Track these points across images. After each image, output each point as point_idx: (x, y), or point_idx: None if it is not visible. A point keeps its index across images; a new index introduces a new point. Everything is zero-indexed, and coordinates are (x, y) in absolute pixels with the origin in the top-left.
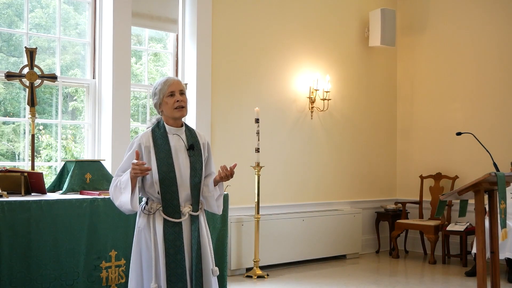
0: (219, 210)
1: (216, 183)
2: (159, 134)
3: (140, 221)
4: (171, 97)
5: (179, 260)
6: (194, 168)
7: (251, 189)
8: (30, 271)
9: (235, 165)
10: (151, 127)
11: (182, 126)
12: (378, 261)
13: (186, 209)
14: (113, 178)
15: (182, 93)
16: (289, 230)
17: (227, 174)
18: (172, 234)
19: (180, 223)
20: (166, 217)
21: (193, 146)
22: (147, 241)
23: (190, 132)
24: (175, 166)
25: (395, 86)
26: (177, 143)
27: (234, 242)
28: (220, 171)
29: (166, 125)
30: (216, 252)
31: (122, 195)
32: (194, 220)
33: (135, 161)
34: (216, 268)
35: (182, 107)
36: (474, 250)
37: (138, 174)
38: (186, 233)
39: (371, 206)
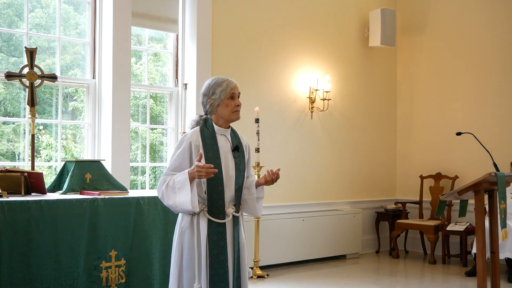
0: (258, 213)
1: (257, 185)
2: (207, 134)
3: (183, 222)
4: (231, 99)
5: (221, 260)
6: (238, 169)
7: None
8: (30, 271)
9: (278, 170)
10: (199, 126)
11: (229, 127)
12: (378, 261)
13: (230, 210)
14: (162, 177)
15: (239, 96)
16: (289, 230)
17: (273, 179)
18: (216, 235)
19: (224, 223)
20: (210, 217)
21: (238, 147)
22: (190, 242)
23: (234, 134)
24: (223, 166)
25: (395, 86)
26: (224, 144)
27: None
28: (266, 175)
29: (215, 125)
30: None
31: (178, 195)
32: (236, 221)
33: (199, 163)
34: (250, 269)
35: (239, 111)
36: (474, 250)
37: (203, 177)
38: (228, 234)
39: (371, 206)
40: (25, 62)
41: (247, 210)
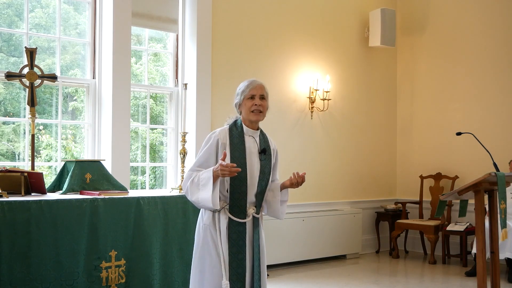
0: (282, 216)
1: (282, 188)
2: (236, 133)
3: (205, 218)
4: (250, 99)
5: (240, 259)
6: (263, 172)
7: None
8: (30, 271)
9: (304, 173)
10: (229, 125)
11: (258, 129)
12: (378, 261)
13: (250, 210)
14: (187, 172)
15: (263, 98)
16: (289, 230)
17: (299, 181)
18: (235, 233)
19: (244, 223)
20: (231, 216)
21: (265, 150)
22: (214, 239)
23: (263, 136)
24: (247, 167)
25: (395, 86)
26: (251, 145)
27: None
28: (292, 177)
29: (244, 126)
30: None
31: (200, 192)
32: (256, 222)
33: (223, 162)
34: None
35: (259, 112)
36: (474, 250)
37: (226, 175)
38: (248, 234)
39: (371, 206)
40: (25, 62)
41: (270, 212)
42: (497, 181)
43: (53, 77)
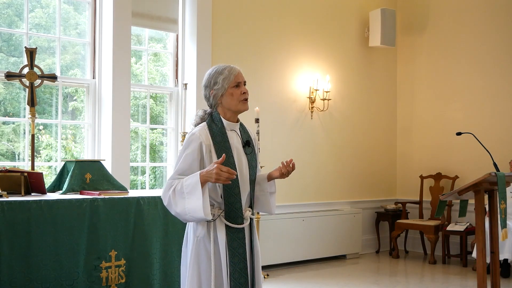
0: (273, 210)
1: (269, 179)
2: (216, 130)
3: (199, 230)
4: (236, 88)
5: (242, 269)
6: (252, 167)
7: None
8: (30, 271)
9: (291, 160)
10: (205, 122)
11: (238, 121)
12: (378, 261)
13: (247, 213)
14: (167, 181)
15: (245, 84)
16: (289, 230)
17: (289, 170)
18: (235, 241)
19: (243, 228)
20: (228, 223)
21: (249, 142)
22: (208, 251)
23: (242, 127)
24: (237, 165)
25: (395, 86)
26: (235, 140)
27: None
28: (280, 167)
29: (223, 120)
30: None
31: (187, 200)
32: (251, 223)
33: (221, 166)
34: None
35: (246, 100)
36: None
37: (221, 181)
38: (246, 239)
39: (371, 206)
40: (25, 62)
41: (260, 207)
42: (497, 181)
43: (53, 77)
